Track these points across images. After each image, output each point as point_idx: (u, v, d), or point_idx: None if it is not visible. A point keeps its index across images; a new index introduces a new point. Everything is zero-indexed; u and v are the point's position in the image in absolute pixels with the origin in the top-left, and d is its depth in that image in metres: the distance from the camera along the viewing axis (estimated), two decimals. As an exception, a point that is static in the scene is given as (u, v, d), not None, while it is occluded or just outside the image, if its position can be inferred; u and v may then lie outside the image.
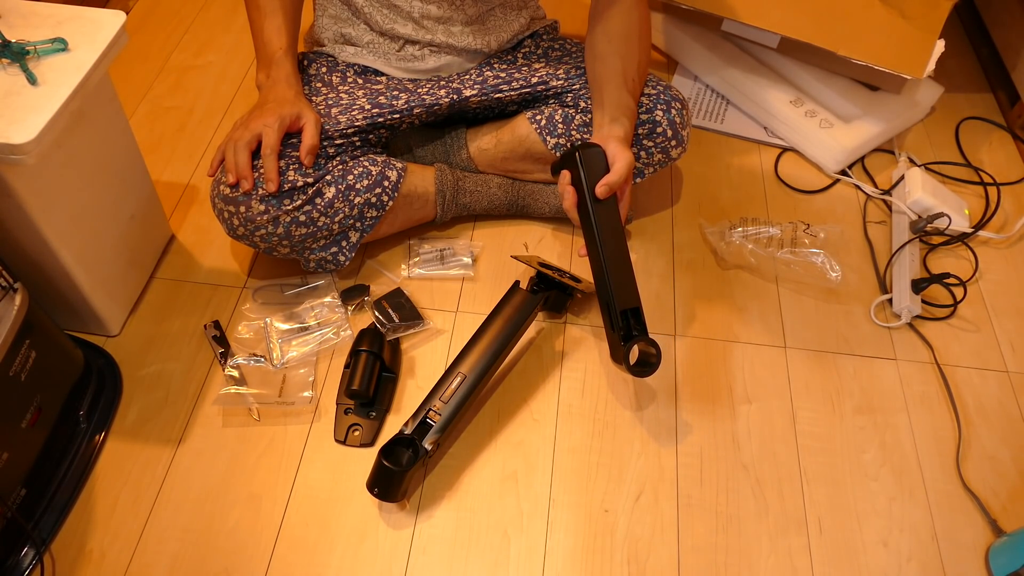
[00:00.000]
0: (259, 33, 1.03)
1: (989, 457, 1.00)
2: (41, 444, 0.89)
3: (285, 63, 1.02)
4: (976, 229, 1.23)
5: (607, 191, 0.94)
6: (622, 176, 0.95)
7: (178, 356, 1.04)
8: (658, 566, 0.89)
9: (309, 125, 0.97)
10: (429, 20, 1.06)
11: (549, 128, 1.09)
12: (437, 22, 1.07)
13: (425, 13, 1.05)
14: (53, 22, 0.87)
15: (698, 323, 1.11)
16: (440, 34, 1.08)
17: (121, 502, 0.91)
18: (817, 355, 1.08)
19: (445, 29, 1.08)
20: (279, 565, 0.87)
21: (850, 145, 1.29)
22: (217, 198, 0.96)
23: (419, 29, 1.07)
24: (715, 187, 1.29)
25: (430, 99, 1.07)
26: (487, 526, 0.91)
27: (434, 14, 1.05)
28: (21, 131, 0.76)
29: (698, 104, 1.42)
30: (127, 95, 1.37)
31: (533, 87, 1.10)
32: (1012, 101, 1.43)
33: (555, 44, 1.17)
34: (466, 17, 1.07)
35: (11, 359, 0.81)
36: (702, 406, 1.02)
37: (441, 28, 1.07)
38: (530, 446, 0.98)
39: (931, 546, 0.92)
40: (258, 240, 0.97)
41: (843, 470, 0.97)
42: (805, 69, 1.34)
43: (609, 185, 0.94)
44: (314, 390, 1.01)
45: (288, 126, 0.96)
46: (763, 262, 1.16)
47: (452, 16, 1.07)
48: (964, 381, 1.07)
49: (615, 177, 0.94)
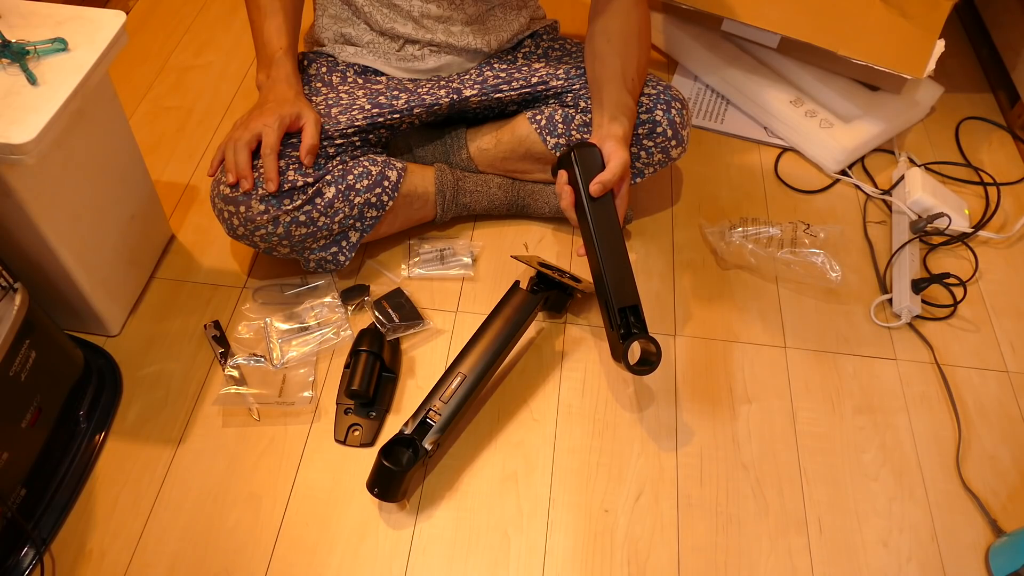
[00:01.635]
0: (259, 33, 1.03)
1: (989, 457, 1.00)
2: (41, 444, 0.89)
3: (285, 63, 1.02)
4: (976, 229, 1.23)
5: (601, 189, 0.94)
6: (616, 174, 0.95)
7: (178, 356, 1.04)
8: (658, 566, 0.89)
9: (309, 125, 0.97)
10: (429, 19, 1.06)
11: (549, 128, 1.09)
12: (437, 21, 1.07)
13: (425, 12, 1.05)
14: (53, 22, 0.87)
15: (698, 323, 1.11)
16: (440, 33, 1.07)
17: (121, 502, 0.91)
18: (817, 355, 1.08)
19: (445, 28, 1.08)
20: (279, 565, 0.87)
21: (850, 145, 1.29)
22: (217, 198, 0.96)
23: (419, 28, 1.07)
24: (715, 187, 1.29)
25: (430, 99, 1.07)
26: (487, 526, 0.91)
27: (434, 13, 1.05)
28: (21, 131, 0.76)
29: (698, 104, 1.42)
30: (127, 95, 1.37)
31: (533, 87, 1.10)
32: (1012, 101, 1.43)
33: (555, 44, 1.17)
34: (466, 16, 1.07)
35: (11, 359, 0.81)
36: (702, 406, 1.02)
37: (441, 27, 1.07)
38: (530, 446, 0.98)
39: (931, 546, 0.92)
40: (258, 240, 0.97)
41: (843, 470, 0.97)
42: (805, 69, 1.34)
43: (603, 183, 0.94)
44: (314, 390, 1.01)
45: (288, 126, 0.96)
46: (763, 262, 1.16)
47: (452, 15, 1.07)
48: (964, 381, 1.07)
49: (609, 175, 0.95)
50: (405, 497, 0.92)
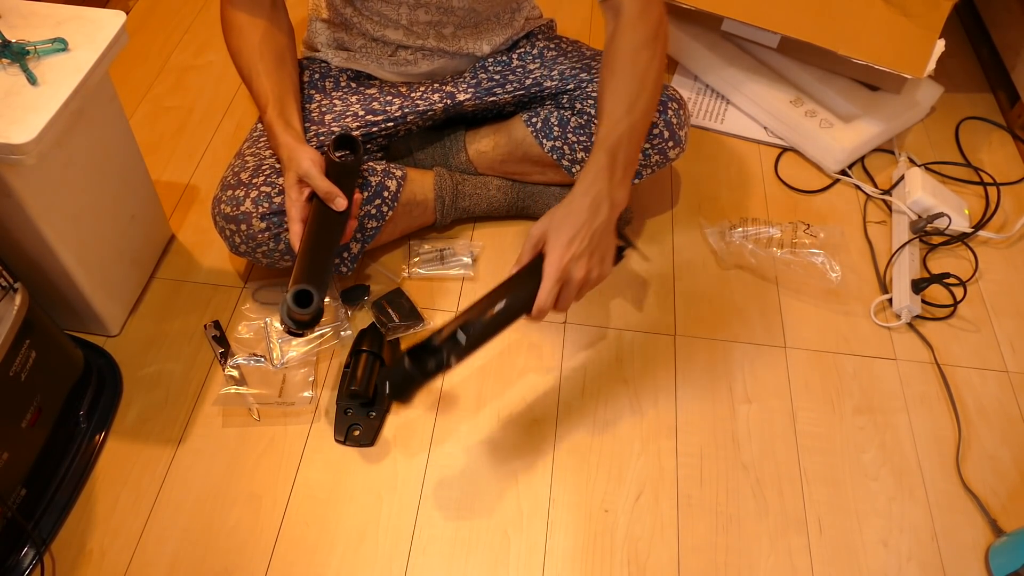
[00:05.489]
0: (251, 95, 0.98)
1: (989, 457, 1.00)
2: (41, 444, 0.89)
3: (275, 124, 0.94)
4: (976, 229, 1.23)
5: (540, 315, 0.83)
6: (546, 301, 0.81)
7: (178, 356, 1.04)
8: (658, 566, 0.89)
9: (312, 181, 0.88)
10: (419, 25, 1.05)
11: (545, 131, 1.09)
12: (428, 27, 1.05)
13: (414, 19, 1.04)
14: (53, 22, 0.87)
15: (698, 323, 1.11)
16: (432, 39, 1.07)
17: (121, 502, 0.91)
18: (817, 355, 1.08)
19: (436, 33, 1.07)
20: (279, 565, 0.87)
21: (850, 145, 1.29)
22: (218, 216, 0.96)
23: (410, 35, 1.06)
24: (715, 187, 1.29)
25: (424, 104, 1.07)
26: (487, 526, 0.91)
27: (423, 19, 1.04)
28: (21, 131, 0.76)
29: (698, 104, 1.42)
30: (127, 95, 1.37)
31: (527, 88, 1.09)
32: (1012, 101, 1.43)
33: (551, 44, 1.15)
34: (457, 20, 1.06)
35: (11, 359, 0.81)
36: (702, 406, 1.02)
37: (432, 33, 1.07)
38: (530, 446, 0.98)
39: (931, 546, 0.92)
40: (260, 256, 0.98)
41: (843, 470, 0.97)
42: (805, 69, 1.34)
43: (540, 310, 0.82)
44: (314, 390, 1.01)
45: (300, 188, 0.90)
46: (763, 262, 1.16)
47: (442, 19, 1.05)
48: (964, 381, 1.07)
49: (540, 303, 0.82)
50: (409, 402, 0.91)
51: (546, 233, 0.83)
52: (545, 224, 0.83)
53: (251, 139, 1.04)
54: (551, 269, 0.80)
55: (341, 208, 0.87)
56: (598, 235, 0.83)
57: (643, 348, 1.07)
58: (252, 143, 1.03)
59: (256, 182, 0.95)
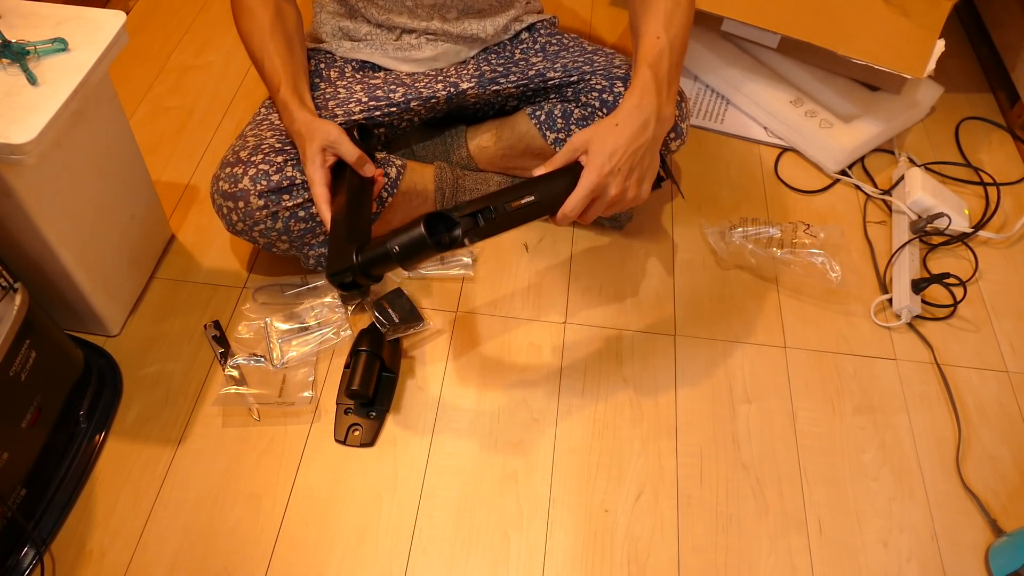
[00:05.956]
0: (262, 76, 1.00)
1: (989, 457, 1.00)
2: (41, 444, 0.89)
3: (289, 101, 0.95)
4: (976, 229, 1.23)
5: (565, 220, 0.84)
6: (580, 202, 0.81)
7: (178, 356, 1.04)
8: (658, 566, 0.89)
9: (340, 146, 0.90)
10: (423, 8, 1.06)
11: (548, 123, 1.09)
12: (432, 9, 1.07)
13: (418, 2, 1.05)
14: (53, 22, 0.87)
15: (698, 323, 1.11)
16: (436, 21, 1.08)
17: (121, 502, 0.91)
18: (817, 355, 1.08)
19: (440, 16, 1.08)
20: (279, 565, 0.87)
21: (850, 145, 1.29)
22: (216, 194, 0.96)
23: (414, 18, 1.07)
24: (715, 187, 1.29)
25: (427, 92, 1.08)
26: (487, 526, 0.91)
27: (427, 2, 1.06)
28: (21, 131, 0.76)
29: (698, 104, 1.42)
30: (127, 95, 1.37)
31: (530, 79, 1.10)
32: (1012, 101, 1.43)
33: (552, 39, 1.16)
34: (461, 3, 1.08)
35: (11, 359, 0.81)
36: (702, 406, 1.02)
37: (437, 15, 1.08)
38: (530, 446, 0.98)
39: (931, 546, 0.92)
40: (257, 235, 0.97)
41: (843, 470, 0.97)
42: (805, 69, 1.34)
43: (565, 216, 0.83)
44: (314, 390, 1.01)
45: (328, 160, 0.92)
46: (763, 262, 1.16)
47: (446, 2, 1.07)
48: (964, 381, 1.07)
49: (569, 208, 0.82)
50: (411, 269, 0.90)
51: (589, 142, 0.81)
52: (590, 133, 0.81)
53: (254, 122, 1.04)
54: (587, 179, 0.79)
55: (371, 174, 0.88)
56: (641, 152, 0.81)
57: (643, 348, 1.07)
58: (255, 126, 1.03)
59: (255, 160, 0.95)
